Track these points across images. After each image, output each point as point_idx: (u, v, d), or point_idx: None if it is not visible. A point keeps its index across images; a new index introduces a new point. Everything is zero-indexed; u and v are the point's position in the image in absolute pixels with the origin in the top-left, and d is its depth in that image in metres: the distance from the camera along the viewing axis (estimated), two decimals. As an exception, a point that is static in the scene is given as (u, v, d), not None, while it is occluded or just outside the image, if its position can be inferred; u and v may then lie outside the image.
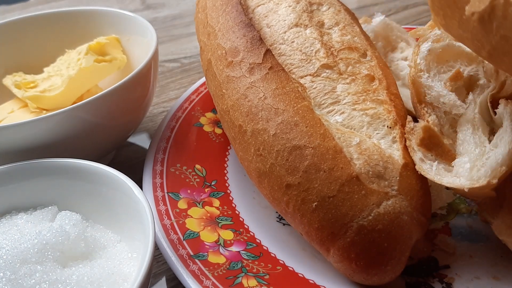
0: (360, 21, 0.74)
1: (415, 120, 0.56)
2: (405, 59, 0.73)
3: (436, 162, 0.51)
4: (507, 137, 0.47)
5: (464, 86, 0.54)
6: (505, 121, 0.48)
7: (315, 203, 0.50)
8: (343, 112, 0.55)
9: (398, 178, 0.50)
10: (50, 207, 0.56)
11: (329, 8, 0.66)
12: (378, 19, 0.75)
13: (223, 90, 0.61)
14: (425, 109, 0.55)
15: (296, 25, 0.62)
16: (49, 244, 0.49)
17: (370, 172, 0.50)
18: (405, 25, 0.94)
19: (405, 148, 0.53)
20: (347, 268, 0.51)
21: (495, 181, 0.46)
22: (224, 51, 0.62)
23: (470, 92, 0.53)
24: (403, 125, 0.55)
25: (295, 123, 0.53)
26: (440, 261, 0.56)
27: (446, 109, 0.53)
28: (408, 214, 0.50)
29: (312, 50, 0.59)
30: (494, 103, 0.51)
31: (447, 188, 0.52)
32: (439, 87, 0.54)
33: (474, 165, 0.49)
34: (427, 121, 0.54)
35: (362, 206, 0.49)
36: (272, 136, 0.54)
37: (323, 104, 0.56)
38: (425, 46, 0.55)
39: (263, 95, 0.56)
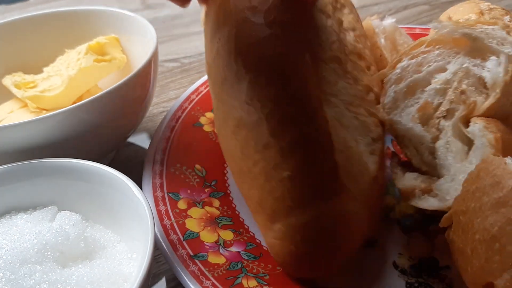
0: (372, 18, 0.74)
1: None
2: None
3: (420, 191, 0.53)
4: (478, 152, 0.48)
5: (434, 113, 0.55)
6: (476, 139, 0.49)
7: (288, 173, 0.49)
8: (337, 106, 0.55)
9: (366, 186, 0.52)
10: (50, 207, 0.56)
11: (349, 13, 0.65)
12: (390, 20, 0.75)
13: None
14: (402, 143, 0.57)
15: (321, 11, 0.60)
16: (49, 244, 0.49)
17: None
18: (405, 25, 0.94)
19: (380, 163, 0.55)
20: (283, 247, 0.50)
21: None
22: None
23: (442, 118, 0.54)
24: (383, 143, 0.57)
25: None
26: (440, 261, 0.56)
27: (417, 141, 0.55)
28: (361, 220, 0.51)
29: (328, 39, 0.58)
30: (467, 125, 0.52)
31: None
32: (406, 121, 0.56)
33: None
34: (406, 153, 0.56)
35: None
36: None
37: (323, 92, 0.55)
38: (390, 89, 0.57)
39: None
